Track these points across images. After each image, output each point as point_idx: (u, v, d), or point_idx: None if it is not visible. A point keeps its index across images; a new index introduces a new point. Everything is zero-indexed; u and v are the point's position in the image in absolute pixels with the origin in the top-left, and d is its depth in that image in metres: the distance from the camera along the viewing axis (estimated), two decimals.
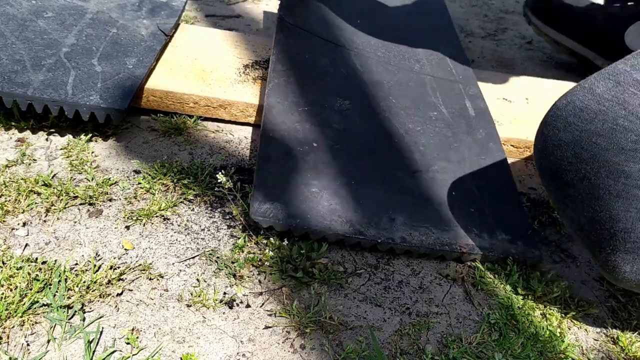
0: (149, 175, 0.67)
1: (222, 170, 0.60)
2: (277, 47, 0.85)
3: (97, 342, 0.49)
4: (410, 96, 0.83)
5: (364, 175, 0.67)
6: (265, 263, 0.59)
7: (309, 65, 0.84)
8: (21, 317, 0.49)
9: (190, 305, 0.54)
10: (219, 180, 0.60)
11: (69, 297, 0.52)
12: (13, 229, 0.58)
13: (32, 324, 0.50)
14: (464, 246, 0.61)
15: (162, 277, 0.56)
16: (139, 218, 0.62)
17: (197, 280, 0.56)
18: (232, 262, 0.58)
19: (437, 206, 0.65)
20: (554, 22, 1.10)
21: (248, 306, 0.55)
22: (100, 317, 0.51)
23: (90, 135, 0.72)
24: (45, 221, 0.60)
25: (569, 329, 0.58)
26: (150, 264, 0.57)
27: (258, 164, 0.65)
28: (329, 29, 0.93)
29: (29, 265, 0.54)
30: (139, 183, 0.66)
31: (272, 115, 0.72)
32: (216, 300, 0.54)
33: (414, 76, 0.88)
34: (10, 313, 0.49)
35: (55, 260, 0.55)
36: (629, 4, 1.04)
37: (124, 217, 0.62)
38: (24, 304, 0.50)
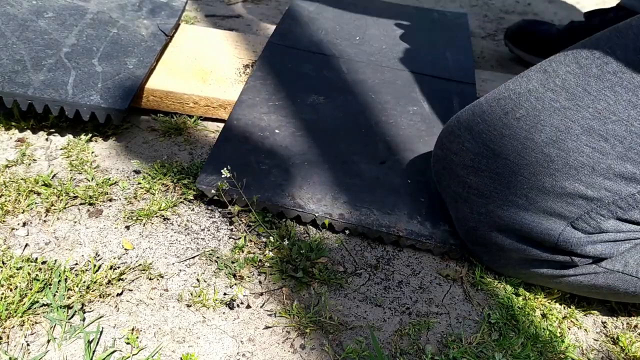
0: (149, 175, 0.67)
1: (227, 167, 0.60)
2: (260, 60, 0.85)
3: (97, 342, 0.49)
4: (393, 92, 0.84)
5: (319, 159, 0.69)
6: (265, 263, 0.59)
7: (290, 70, 0.84)
8: (21, 317, 0.49)
9: (190, 305, 0.54)
10: (222, 175, 0.60)
11: (69, 297, 0.52)
12: (13, 229, 0.58)
13: (32, 324, 0.50)
14: (402, 230, 0.62)
15: (162, 277, 0.56)
16: (139, 218, 0.62)
17: (197, 280, 0.56)
18: (232, 262, 0.58)
19: (386, 192, 0.66)
20: (536, 49, 1.09)
21: (248, 306, 0.55)
22: (100, 317, 0.51)
23: (90, 135, 0.72)
24: (45, 221, 0.60)
25: (569, 329, 0.58)
26: (150, 264, 0.57)
27: (215, 143, 0.68)
28: (320, 45, 0.93)
29: (29, 265, 0.54)
30: (139, 183, 0.66)
31: (241, 108, 0.75)
32: (216, 300, 0.54)
33: (404, 74, 0.88)
34: (10, 313, 0.49)
35: (55, 260, 0.55)
36: (609, 15, 1.03)
37: (124, 217, 0.62)
38: (24, 304, 0.50)
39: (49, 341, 0.49)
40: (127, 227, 0.61)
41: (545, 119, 0.51)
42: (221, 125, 0.80)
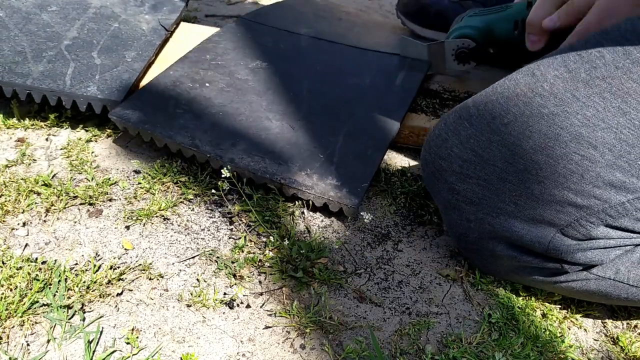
0: (149, 175, 0.67)
1: (227, 167, 0.60)
2: (223, 28, 0.88)
3: (97, 342, 0.49)
4: (340, 66, 0.84)
5: (236, 112, 0.71)
6: (265, 263, 0.58)
7: (249, 40, 0.86)
8: (21, 317, 0.50)
9: (190, 305, 0.54)
10: (222, 175, 0.60)
11: (69, 297, 0.52)
12: (13, 229, 0.58)
13: (32, 324, 0.50)
14: (285, 179, 0.63)
15: (162, 277, 0.56)
16: (139, 218, 0.62)
17: (197, 280, 0.56)
18: (232, 262, 0.58)
19: (286, 145, 0.67)
20: (428, 23, 1.06)
21: (248, 306, 0.55)
22: (100, 317, 0.51)
23: (90, 135, 0.72)
24: (45, 221, 0.60)
25: (569, 329, 0.58)
26: (150, 264, 0.57)
27: (144, 85, 0.71)
28: (291, 26, 0.94)
29: (29, 265, 0.54)
30: (139, 183, 0.66)
31: (183, 62, 0.78)
32: (216, 300, 0.54)
33: (361, 52, 0.89)
34: (10, 313, 0.49)
35: (55, 260, 0.55)
36: None
37: (124, 217, 0.62)
38: (24, 304, 0.50)
39: (49, 341, 0.49)
40: (127, 227, 0.61)
41: (534, 125, 0.50)
42: None
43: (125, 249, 0.58)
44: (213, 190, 0.62)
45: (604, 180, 0.48)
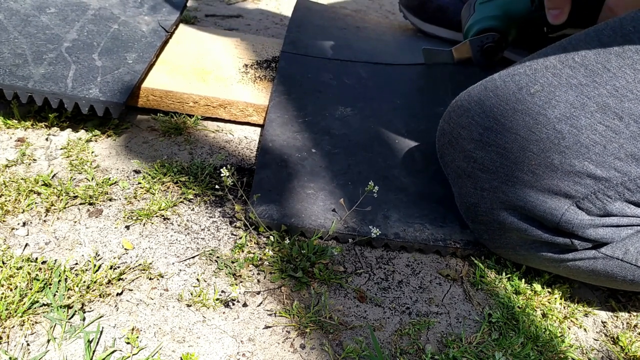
0: (149, 175, 0.67)
1: (224, 167, 0.60)
2: (279, 72, 0.84)
3: (97, 342, 0.49)
4: (417, 93, 0.83)
5: (361, 176, 0.68)
6: (265, 262, 0.58)
7: (310, 80, 0.83)
8: (21, 317, 0.49)
9: (190, 305, 0.54)
10: (222, 175, 0.60)
11: (69, 297, 0.52)
12: (13, 228, 0.58)
13: (32, 324, 0.50)
14: (459, 242, 0.62)
15: (162, 276, 0.56)
16: (139, 218, 0.62)
17: (197, 280, 0.56)
18: (232, 262, 0.58)
19: (434, 203, 0.66)
20: (431, 17, 1.06)
21: (248, 306, 0.55)
22: (100, 317, 0.51)
23: (90, 135, 0.72)
24: (45, 221, 0.60)
25: (569, 328, 0.58)
26: (150, 263, 0.57)
27: (256, 170, 0.67)
28: (334, 50, 0.92)
29: (29, 265, 0.54)
30: (139, 183, 0.66)
31: (272, 127, 0.73)
32: (216, 300, 0.54)
33: (424, 70, 0.87)
34: (10, 313, 0.49)
35: (55, 260, 0.55)
36: None
37: (124, 217, 0.61)
38: (24, 303, 0.50)
39: (49, 341, 0.49)
40: (127, 227, 0.61)
41: (561, 94, 0.51)
42: (221, 124, 0.80)
43: (125, 249, 0.58)
44: (217, 186, 0.62)
45: (626, 152, 0.48)
